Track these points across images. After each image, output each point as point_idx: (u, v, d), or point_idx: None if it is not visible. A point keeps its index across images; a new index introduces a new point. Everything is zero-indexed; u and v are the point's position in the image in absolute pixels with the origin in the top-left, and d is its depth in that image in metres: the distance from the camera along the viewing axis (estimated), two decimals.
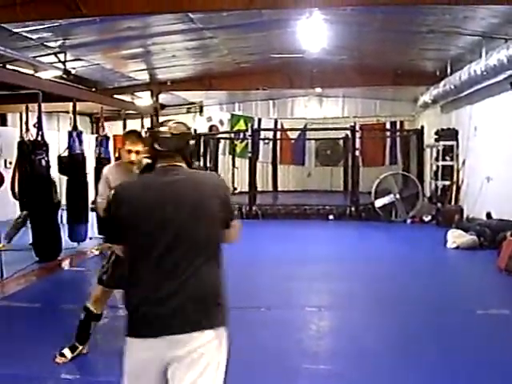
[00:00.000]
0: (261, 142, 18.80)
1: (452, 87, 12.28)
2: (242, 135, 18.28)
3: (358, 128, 15.48)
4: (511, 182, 10.43)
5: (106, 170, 4.91)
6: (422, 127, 16.20)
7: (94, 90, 13.10)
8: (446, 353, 4.93)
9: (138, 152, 4.61)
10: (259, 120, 19.47)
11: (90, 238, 10.85)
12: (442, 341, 5.30)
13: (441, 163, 14.17)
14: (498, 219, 10.46)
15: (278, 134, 19.69)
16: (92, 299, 4.93)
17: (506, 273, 8.07)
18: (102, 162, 11.37)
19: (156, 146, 2.77)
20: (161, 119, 15.65)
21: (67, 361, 4.81)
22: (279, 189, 19.89)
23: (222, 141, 18.90)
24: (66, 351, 4.88)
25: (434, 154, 14.82)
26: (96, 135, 12.29)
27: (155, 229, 2.64)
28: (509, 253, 8.26)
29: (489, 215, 10.93)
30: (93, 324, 4.97)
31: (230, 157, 18.99)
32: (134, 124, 14.24)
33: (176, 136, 2.80)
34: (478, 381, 4.39)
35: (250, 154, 15.78)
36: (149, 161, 2.90)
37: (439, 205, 13.99)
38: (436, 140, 14.47)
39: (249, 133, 16.12)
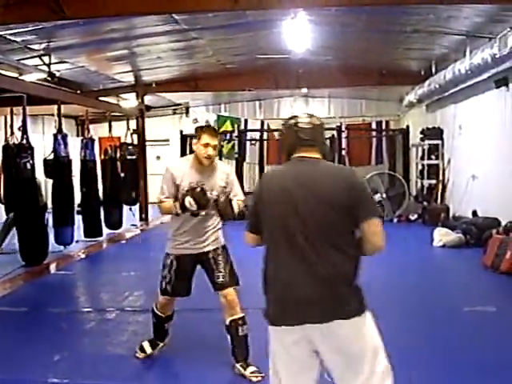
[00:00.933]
0: (247, 143, 18.78)
1: (437, 86, 12.33)
2: (228, 136, 18.27)
3: (343, 128, 15.53)
4: (496, 180, 10.51)
5: (170, 166, 4.68)
6: (408, 127, 16.28)
7: (78, 92, 13.04)
8: (433, 350, 4.95)
9: (214, 147, 4.50)
10: (245, 121, 19.45)
11: (77, 241, 10.81)
12: (429, 338, 5.32)
13: (426, 162, 14.23)
14: (483, 217, 10.52)
15: (265, 134, 19.69)
16: (159, 305, 4.81)
17: (491, 270, 8.13)
18: (87, 164, 11.35)
19: (300, 135, 2.85)
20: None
21: (147, 356, 4.87)
22: None
23: None
24: (146, 345, 4.89)
25: (420, 153, 14.89)
26: (81, 138, 12.24)
27: (289, 216, 2.74)
28: (495, 250, 8.32)
29: (474, 213, 11.00)
30: (167, 324, 4.90)
31: (217, 158, 18.93)
32: (119, 126, 14.22)
33: (317, 126, 2.92)
34: (465, 377, 4.41)
35: (236, 155, 15.78)
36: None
37: (425, 203, 14.06)
38: (421, 139, 14.54)
39: (235, 134, 16.12)
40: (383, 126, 18.74)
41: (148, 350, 4.89)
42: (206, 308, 5.88)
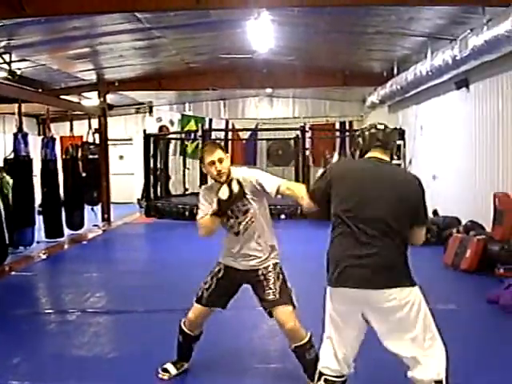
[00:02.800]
0: None
1: (398, 87, 12.48)
2: (192, 136, 18.21)
3: (307, 128, 15.60)
4: (456, 180, 10.69)
5: (204, 189, 4.33)
6: None
7: (40, 90, 12.86)
8: None
9: (220, 160, 4.08)
10: (210, 120, 19.43)
11: (38, 242, 10.66)
12: None
13: None
14: (444, 216, 10.68)
15: (230, 134, 19.68)
16: (188, 322, 4.39)
17: (452, 268, 8.26)
18: (48, 164, 11.19)
19: (371, 139, 3.46)
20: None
21: (172, 377, 4.45)
22: None
23: (173, 141, 18.79)
24: (170, 367, 4.50)
25: None
26: (42, 137, 12.08)
27: (368, 200, 3.27)
28: (455, 249, 8.46)
29: (435, 212, 11.15)
30: (194, 345, 4.52)
31: (181, 157, 18.90)
32: (81, 125, 14.06)
33: (387, 131, 3.52)
34: None
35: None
36: None
37: None
38: None
39: (199, 133, 16.06)
40: (347, 127, 18.94)
41: (172, 371, 4.49)
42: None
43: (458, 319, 5.91)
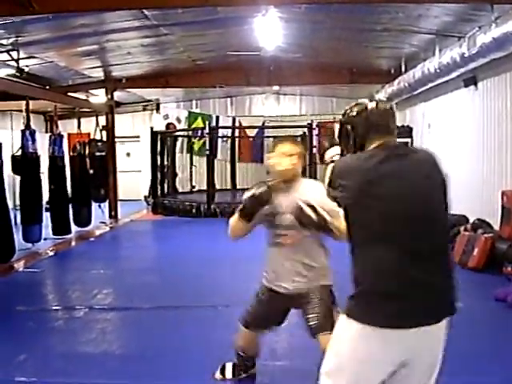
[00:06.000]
0: (219, 140, 18.76)
1: (406, 85, 12.44)
2: (199, 133, 18.21)
3: (314, 126, 15.57)
4: (464, 178, 10.64)
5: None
6: None
7: (47, 87, 12.88)
8: None
9: (295, 158, 3.75)
10: (217, 118, 19.40)
11: (45, 239, 10.68)
12: None
13: None
14: (451, 214, 10.60)
15: (236, 131, 19.66)
16: (241, 348, 4.15)
17: (459, 266, 8.23)
18: (55, 161, 11.21)
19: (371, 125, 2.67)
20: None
21: (224, 379, 4.33)
22: (238, 187, 19.84)
23: (180, 139, 18.80)
24: (228, 368, 4.32)
25: None
26: (50, 134, 12.10)
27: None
28: (462, 247, 8.43)
29: None
30: (248, 363, 4.25)
31: (188, 155, 18.91)
32: (88, 122, 14.09)
33: (391, 112, 2.81)
34: None
35: (207, 152, 15.73)
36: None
37: None
38: None
39: (206, 130, 16.07)
40: None
41: (228, 374, 4.33)
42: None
43: (465, 317, 5.82)
